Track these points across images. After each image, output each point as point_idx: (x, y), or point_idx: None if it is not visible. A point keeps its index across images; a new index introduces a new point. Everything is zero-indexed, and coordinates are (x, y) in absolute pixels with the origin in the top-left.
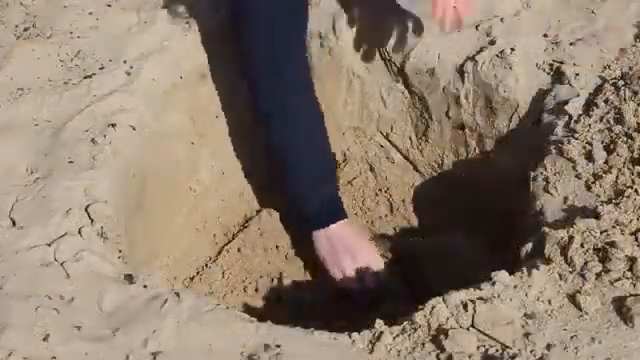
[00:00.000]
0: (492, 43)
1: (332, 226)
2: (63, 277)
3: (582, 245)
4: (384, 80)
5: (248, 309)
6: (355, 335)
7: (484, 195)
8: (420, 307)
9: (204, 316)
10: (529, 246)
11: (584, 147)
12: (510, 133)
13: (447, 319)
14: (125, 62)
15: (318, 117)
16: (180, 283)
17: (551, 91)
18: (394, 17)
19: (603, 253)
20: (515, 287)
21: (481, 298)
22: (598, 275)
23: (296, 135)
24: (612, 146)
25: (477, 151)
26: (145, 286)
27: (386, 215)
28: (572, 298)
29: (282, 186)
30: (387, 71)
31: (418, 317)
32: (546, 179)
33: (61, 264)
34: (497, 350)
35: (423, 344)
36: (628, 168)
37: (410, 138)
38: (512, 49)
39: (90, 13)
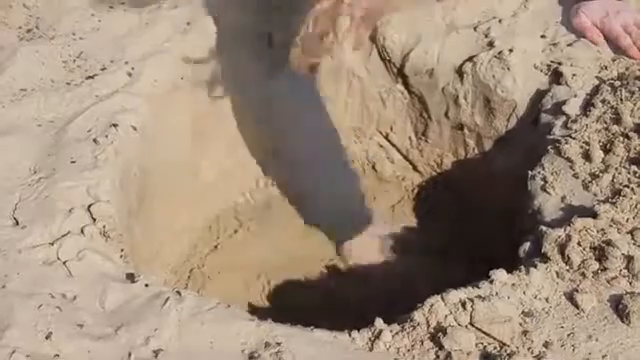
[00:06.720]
0: (490, 44)
1: None
2: (66, 276)
3: (579, 244)
4: (384, 80)
5: (248, 308)
6: (355, 333)
7: (483, 194)
8: (419, 305)
9: (205, 315)
10: (527, 245)
11: (581, 147)
12: (508, 133)
13: (446, 317)
14: (127, 63)
15: None
16: (181, 282)
17: (549, 91)
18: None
19: (600, 252)
20: (513, 285)
21: (479, 296)
22: (595, 273)
23: None
24: (609, 146)
25: (476, 151)
26: (147, 285)
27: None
28: (569, 296)
29: None
30: (387, 71)
31: (417, 315)
32: (544, 178)
33: (64, 263)
34: (495, 348)
35: (422, 342)
36: (625, 167)
37: (410, 138)
38: (510, 50)
39: (92, 15)
